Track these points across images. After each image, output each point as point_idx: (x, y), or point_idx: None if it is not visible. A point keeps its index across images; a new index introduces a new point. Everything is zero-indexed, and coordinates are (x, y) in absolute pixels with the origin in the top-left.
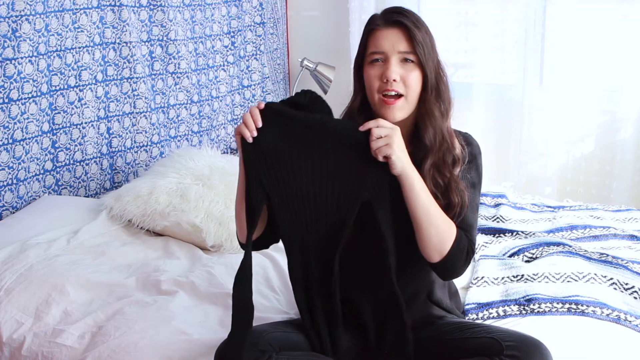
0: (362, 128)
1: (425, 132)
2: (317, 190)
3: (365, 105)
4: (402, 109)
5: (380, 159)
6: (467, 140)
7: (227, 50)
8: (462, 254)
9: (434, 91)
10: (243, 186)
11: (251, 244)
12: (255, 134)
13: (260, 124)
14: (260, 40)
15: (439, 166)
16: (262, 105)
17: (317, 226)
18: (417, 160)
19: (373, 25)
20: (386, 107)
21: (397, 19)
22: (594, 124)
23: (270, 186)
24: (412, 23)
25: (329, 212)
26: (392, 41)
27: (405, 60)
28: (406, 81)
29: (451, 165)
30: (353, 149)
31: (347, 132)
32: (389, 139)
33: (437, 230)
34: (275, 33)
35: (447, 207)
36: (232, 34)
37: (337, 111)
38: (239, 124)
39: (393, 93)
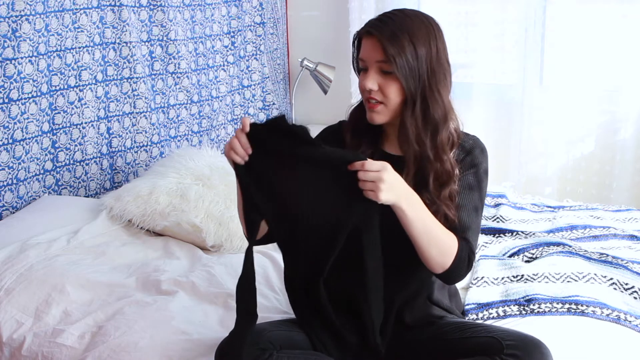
0: (350, 167)
1: (402, 143)
2: (305, 216)
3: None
4: (381, 114)
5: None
6: (475, 143)
7: (227, 50)
8: (463, 264)
9: (416, 105)
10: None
11: (253, 243)
12: (246, 158)
13: (250, 151)
14: (260, 40)
15: (420, 183)
16: (247, 127)
17: (306, 246)
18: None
19: (360, 31)
20: (368, 110)
21: (372, 30)
22: (594, 124)
23: (262, 207)
24: (390, 33)
25: (317, 236)
26: (368, 51)
27: (384, 69)
28: (384, 90)
29: (436, 183)
30: (341, 180)
31: (335, 164)
32: (375, 185)
33: (439, 249)
34: (275, 33)
35: (444, 217)
36: (232, 34)
37: (339, 112)
38: (226, 146)
39: (374, 101)
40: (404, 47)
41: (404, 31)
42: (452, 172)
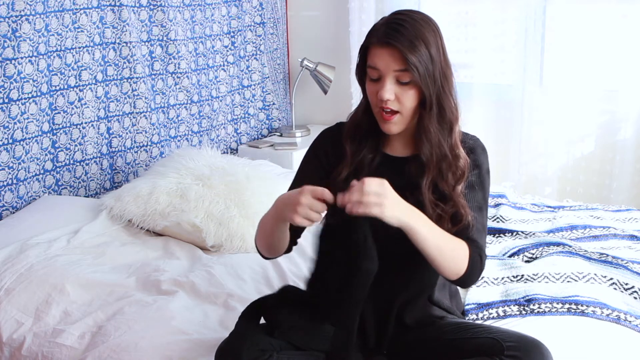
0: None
1: (421, 146)
2: None
3: (369, 110)
4: (398, 124)
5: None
6: (476, 143)
7: (227, 50)
8: (477, 267)
9: (432, 108)
10: (274, 219)
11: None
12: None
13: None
14: (260, 40)
15: (437, 181)
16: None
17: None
18: (419, 170)
19: (371, 40)
20: (383, 122)
21: (391, 40)
22: (594, 124)
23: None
24: (409, 42)
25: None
26: (386, 61)
27: (401, 78)
28: (400, 99)
29: (452, 180)
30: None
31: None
32: (378, 199)
33: (453, 259)
34: (275, 33)
35: (454, 219)
36: (232, 34)
37: (339, 112)
38: (301, 211)
39: (388, 110)
40: (422, 55)
41: (419, 38)
42: (466, 167)
